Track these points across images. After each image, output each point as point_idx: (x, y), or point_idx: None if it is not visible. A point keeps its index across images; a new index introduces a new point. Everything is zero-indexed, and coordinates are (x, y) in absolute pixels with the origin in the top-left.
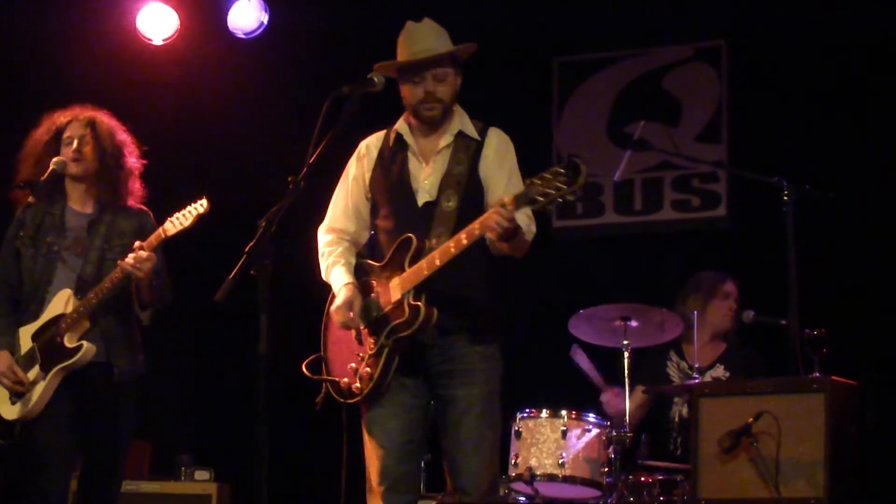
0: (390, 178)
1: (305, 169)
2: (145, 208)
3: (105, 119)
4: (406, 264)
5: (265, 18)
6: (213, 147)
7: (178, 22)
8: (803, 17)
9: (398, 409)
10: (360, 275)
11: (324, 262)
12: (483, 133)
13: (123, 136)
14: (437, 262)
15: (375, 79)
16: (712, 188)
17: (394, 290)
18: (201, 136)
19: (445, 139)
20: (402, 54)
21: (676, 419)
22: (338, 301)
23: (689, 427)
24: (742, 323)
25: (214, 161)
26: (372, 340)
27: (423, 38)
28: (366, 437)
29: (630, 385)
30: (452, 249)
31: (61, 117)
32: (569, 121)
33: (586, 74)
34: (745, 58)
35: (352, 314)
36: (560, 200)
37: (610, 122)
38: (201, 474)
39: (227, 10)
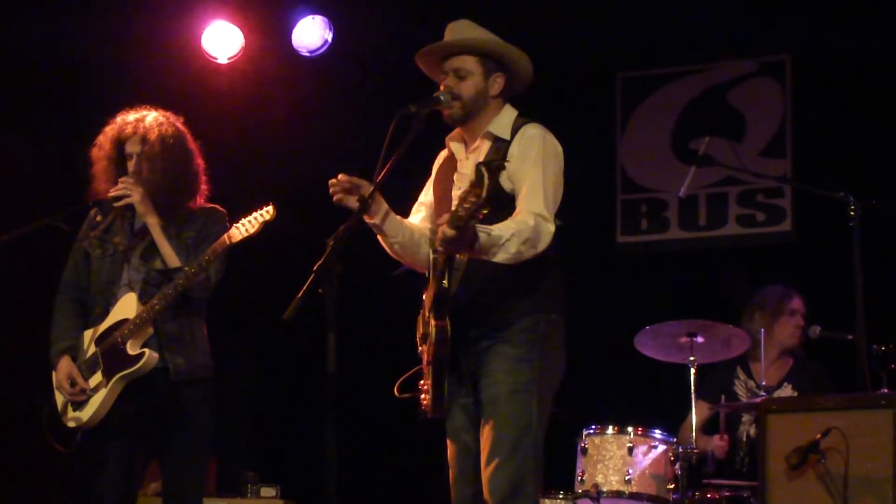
0: (441, 187)
1: (373, 187)
2: (217, 207)
3: (162, 128)
4: (430, 279)
5: (329, 36)
6: (278, 165)
7: (243, 40)
8: (867, 31)
9: (459, 429)
10: (421, 286)
11: None
12: (515, 131)
13: (183, 139)
14: (444, 281)
15: (442, 97)
16: (777, 203)
17: (426, 306)
18: (267, 154)
19: (477, 142)
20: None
21: (744, 438)
22: None
23: (757, 444)
24: (809, 338)
25: (280, 179)
26: (425, 358)
27: (451, 33)
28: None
29: (696, 401)
30: (439, 266)
31: (124, 129)
32: (633, 136)
33: (650, 90)
34: (810, 72)
35: None
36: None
37: (674, 137)
38: (267, 491)
39: (292, 29)
